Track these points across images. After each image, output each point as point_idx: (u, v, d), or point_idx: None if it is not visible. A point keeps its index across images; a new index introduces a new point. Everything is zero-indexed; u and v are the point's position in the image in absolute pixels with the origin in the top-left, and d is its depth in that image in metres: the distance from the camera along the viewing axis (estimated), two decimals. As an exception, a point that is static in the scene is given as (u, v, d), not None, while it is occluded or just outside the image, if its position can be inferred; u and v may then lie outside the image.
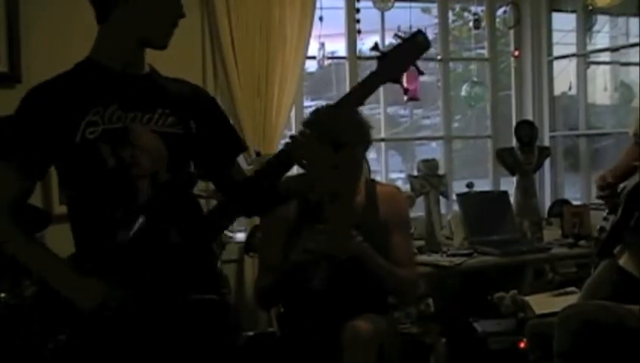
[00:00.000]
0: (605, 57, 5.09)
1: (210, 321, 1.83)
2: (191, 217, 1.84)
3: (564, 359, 2.70)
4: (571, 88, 4.87)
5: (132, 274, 1.74)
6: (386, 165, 4.75)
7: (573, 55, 4.90)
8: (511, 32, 5.01)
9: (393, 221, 2.58)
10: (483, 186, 4.86)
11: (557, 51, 5.04)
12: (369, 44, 4.83)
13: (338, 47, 4.57)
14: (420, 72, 1.93)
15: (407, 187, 4.38)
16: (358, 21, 4.41)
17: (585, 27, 4.82)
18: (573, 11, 4.83)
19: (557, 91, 5.05)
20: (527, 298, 3.66)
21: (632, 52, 4.64)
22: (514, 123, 4.85)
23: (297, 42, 4.10)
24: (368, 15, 4.46)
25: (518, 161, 4.59)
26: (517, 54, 4.98)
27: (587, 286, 2.94)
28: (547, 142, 4.94)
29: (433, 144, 5.27)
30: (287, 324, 2.64)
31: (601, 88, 5.09)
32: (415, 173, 4.39)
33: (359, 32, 4.47)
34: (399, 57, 1.84)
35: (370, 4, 4.44)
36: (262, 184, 1.84)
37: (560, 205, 4.66)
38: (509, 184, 4.75)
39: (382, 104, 4.69)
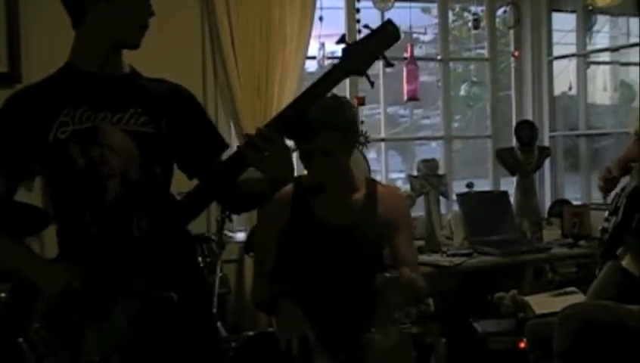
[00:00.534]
0: (605, 57, 5.09)
1: (161, 319, 1.82)
2: (159, 212, 1.85)
3: (564, 359, 2.70)
4: (571, 88, 4.87)
5: (98, 268, 1.78)
6: (386, 165, 4.75)
7: (573, 55, 4.90)
8: (511, 32, 5.01)
9: (395, 221, 2.53)
10: (483, 186, 4.86)
11: (557, 51, 5.04)
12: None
13: (338, 47, 4.56)
14: (389, 64, 1.85)
15: (407, 187, 4.38)
16: (358, 21, 4.41)
17: (585, 27, 4.82)
18: (573, 11, 4.83)
19: (557, 91, 5.05)
20: (527, 298, 3.66)
21: (632, 52, 4.64)
22: (514, 123, 4.85)
23: (297, 42, 4.10)
24: (368, 15, 4.46)
25: (518, 161, 4.60)
26: (517, 54, 4.98)
27: (592, 289, 2.95)
28: (547, 142, 4.94)
29: (433, 144, 5.27)
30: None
31: (600, 88, 5.09)
32: (415, 173, 4.39)
33: (359, 32, 4.46)
34: (365, 48, 1.77)
35: (370, 4, 4.44)
36: (223, 180, 1.84)
37: (560, 205, 4.67)
38: (509, 184, 4.75)
39: (382, 104, 4.69)
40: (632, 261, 2.77)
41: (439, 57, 4.80)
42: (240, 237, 3.87)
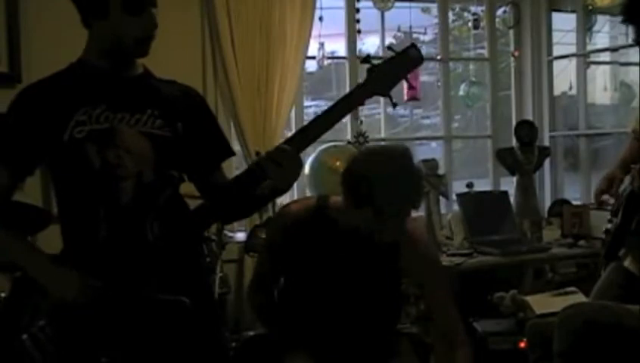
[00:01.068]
0: (605, 57, 5.09)
1: (173, 322, 1.82)
2: (173, 216, 1.84)
3: (564, 359, 2.70)
4: (571, 88, 4.87)
5: (109, 270, 1.77)
6: (386, 165, 4.74)
7: (573, 55, 4.90)
8: (511, 32, 5.02)
9: (427, 270, 2.30)
10: (483, 186, 4.86)
11: (557, 51, 5.04)
12: (369, 44, 4.85)
13: (338, 47, 4.58)
14: (412, 87, 1.89)
15: (407, 187, 4.37)
16: (358, 21, 4.42)
17: (585, 27, 4.81)
18: (572, 11, 4.84)
19: (557, 91, 5.05)
20: (527, 298, 3.66)
21: (632, 52, 4.63)
22: (514, 123, 4.85)
23: (297, 42, 4.10)
24: (368, 15, 4.46)
25: (518, 161, 4.60)
26: (516, 53, 4.98)
27: (596, 290, 2.94)
28: (547, 142, 4.94)
29: (433, 144, 5.27)
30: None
31: (600, 88, 5.09)
32: (415, 173, 4.38)
33: (359, 32, 4.47)
34: (390, 71, 1.80)
35: (370, 4, 4.44)
36: (239, 194, 1.84)
37: (560, 205, 4.66)
38: (509, 184, 4.75)
39: (382, 104, 4.69)
40: (634, 262, 2.77)
41: (439, 57, 4.80)
42: (240, 237, 3.87)
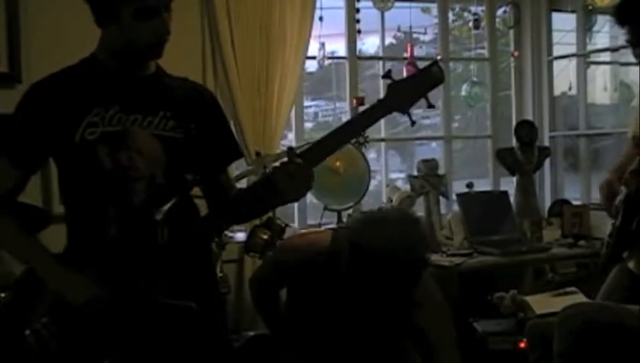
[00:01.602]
0: (605, 57, 5.09)
1: (179, 328, 1.81)
2: (184, 219, 1.83)
3: (564, 359, 2.70)
4: (571, 88, 4.87)
5: (116, 270, 1.76)
6: (386, 165, 4.75)
7: (573, 55, 4.90)
8: (511, 32, 5.01)
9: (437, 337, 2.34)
10: (483, 186, 4.86)
11: (557, 51, 5.04)
12: (369, 44, 4.85)
13: (338, 47, 4.58)
14: (431, 105, 1.85)
15: (407, 187, 4.38)
16: (358, 21, 4.41)
17: (585, 27, 4.81)
18: (572, 11, 4.83)
19: (557, 91, 5.05)
20: (527, 298, 3.66)
21: (632, 52, 4.63)
22: (514, 123, 4.86)
23: (297, 42, 4.10)
24: (368, 15, 4.46)
25: (518, 161, 4.60)
26: (516, 54, 4.98)
27: (601, 292, 2.94)
28: (547, 142, 4.94)
29: (433, 144, 5.27)
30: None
31: (600, 88, 5.09)
32: (415, 173, 4.39)
33: (359, 32, 4.47)
34: (411, 88, 1.77)
35: (370, 4, 4.44)
36: (251, 204, 1.83)
37: (560, 205, 4.67)
38: (509, 184, 4.76)
39: (382, 104, 4.68)
40: (637, 263, 2.78)
41: (439, 57, 4.80)
42: (240, 237, 3.86)
